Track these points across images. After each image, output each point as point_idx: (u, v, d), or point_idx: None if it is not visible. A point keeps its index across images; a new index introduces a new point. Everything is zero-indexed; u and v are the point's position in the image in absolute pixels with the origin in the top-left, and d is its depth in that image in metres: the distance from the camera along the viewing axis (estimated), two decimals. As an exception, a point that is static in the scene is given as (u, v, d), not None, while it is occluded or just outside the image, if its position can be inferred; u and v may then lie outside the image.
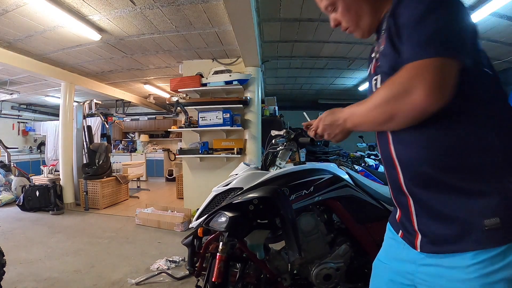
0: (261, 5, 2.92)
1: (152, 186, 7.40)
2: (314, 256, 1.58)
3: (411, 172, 0.74)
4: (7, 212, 4.66)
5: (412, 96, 0.61)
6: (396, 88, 0.64)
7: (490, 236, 0.64)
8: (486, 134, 0.67)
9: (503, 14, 3.09)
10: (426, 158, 0.70)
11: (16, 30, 3.31)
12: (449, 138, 0.68)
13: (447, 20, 0.62)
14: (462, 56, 0.62)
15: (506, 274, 0.63)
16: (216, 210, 1.36)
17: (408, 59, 0.63)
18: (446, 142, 0.68)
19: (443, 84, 0.60)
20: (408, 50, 0.64)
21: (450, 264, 0.69)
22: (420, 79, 0.60)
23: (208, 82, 4.19)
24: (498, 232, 0.63)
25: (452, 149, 0.68)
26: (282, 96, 7.52)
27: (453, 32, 0.62)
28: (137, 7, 2.83)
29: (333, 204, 1.60)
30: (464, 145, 0.67)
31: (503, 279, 0.63)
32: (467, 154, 0.67)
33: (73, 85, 5.13)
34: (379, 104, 0.67)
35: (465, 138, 0.67)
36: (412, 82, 0.61)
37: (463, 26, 0.63)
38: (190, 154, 4.26)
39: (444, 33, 0.61)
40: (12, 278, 2.32)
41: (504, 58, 4.50)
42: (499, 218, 0.63)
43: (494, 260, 0.64)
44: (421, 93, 0.60)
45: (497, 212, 0.63)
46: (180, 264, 2.62)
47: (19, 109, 7.95)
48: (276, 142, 1.70)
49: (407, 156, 0.74)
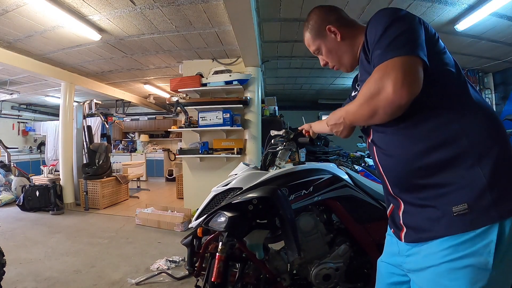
0: (261, 5, 2.92)
1: (152, 186, 7.40)
2: (313, 256, 1.58)
3: (394, 178, 0.85)
4: (7, 212, 4.66)
5: (384, 93, 0.70)
6: (372, 88, 0.73)
7: (458, 221, 0.69)
8: (451, 129, 0.74)
9: (503, 14, 3.09)
10: (401, 165, 0.80)
11: (16, 30, 3.31)
12: (417, 143, 0.77)
13: (403, 30, 0.73)
14: (421, 54, 0.70)
15: (473, 261, 0.67)
16: (216, 210, 1.36)
17: (377, 63, 0.73)
18: (415, 148, 0.77)
19: (408, 78, 0.68)
20: (375, 58, 0.75)
21: (426, 252, 0.76)
22: (388, 77, 0.69)
23: (208, 82, 4.19)
24: (466, 217, 0.69)
25: (421, 152, 0.76)
26: (282, 96, 7.52)
27: (410, 37, 0.72)
28: (137, 7, 2.83)
29: (333, 204, 1.60)
30: (431, 144, 0.75)
31: (469, 265, 0.68)
32: (435, 152, 0.74)
33: (73, 85, 5.13)
34: (362, 102, 0.77)
35: (431, 137, 0.75)
36: (382, 81, 0.70)
37: (418, 33, 0.74)
38: (190, 154, 4.26)
39: (403, 38, 0.72)
40: (12, 278, 2.32)
41: (504, 58, 4.49)
42: (466, 204, 0.69)
43: (461, 247, 0.69)
44: (390, 89, 0.68)
45: (465, 199, 0.69)
46: (180, 264, 2.62)
47: (19, 109, 7.95)
48: (275, 142, 1.70)
49: (388, 165, 0.86)
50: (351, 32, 0.96)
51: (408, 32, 0.73)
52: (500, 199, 0.68)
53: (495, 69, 5.19)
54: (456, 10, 3.01)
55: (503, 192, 0.68)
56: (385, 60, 0.71)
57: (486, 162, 0.70)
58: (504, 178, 0.70)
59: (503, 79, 5.32)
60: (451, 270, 0.70)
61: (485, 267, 0.67)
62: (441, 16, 3.11)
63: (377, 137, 0.88)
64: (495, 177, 0.69)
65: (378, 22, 0.78)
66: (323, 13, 0.99)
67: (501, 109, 5.38)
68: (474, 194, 0.68)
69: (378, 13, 0.81)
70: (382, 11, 0.80)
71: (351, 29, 0.96)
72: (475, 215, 0.68)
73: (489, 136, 0.73)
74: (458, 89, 0.78)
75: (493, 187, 0.68)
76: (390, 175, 0.86)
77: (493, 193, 0.68)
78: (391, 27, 0.74)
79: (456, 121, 0.74)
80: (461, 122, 0.73)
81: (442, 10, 2.99)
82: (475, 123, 0.74)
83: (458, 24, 3.23)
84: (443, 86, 0.76)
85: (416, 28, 0.74)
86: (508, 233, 0.67)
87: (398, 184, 0.84)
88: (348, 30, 0.96)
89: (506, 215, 0.67)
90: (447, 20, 3.21)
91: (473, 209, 0.68)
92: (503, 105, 5.36)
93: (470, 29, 3.36)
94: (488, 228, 0.67)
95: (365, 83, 0.76)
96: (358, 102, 0.79)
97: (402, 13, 0.77)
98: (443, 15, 3.10)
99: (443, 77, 0.77)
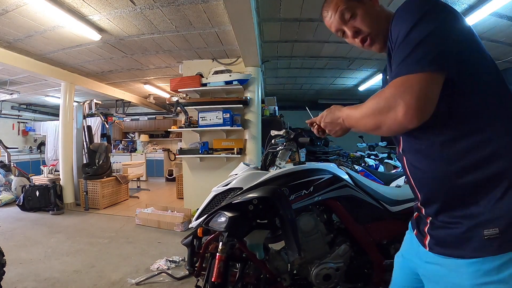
0: (261, 5, 2.92)
1: (152, 186, 7.40)
2: (313, 256, 1.58)
3: (426, 193, 0.81)
4: (7, 212, 4.66)
5: (393, 113, 0.66)
6: (382, 104, 0.69)
7: (488, 245, 0.67)
8: (490, 148, 0.68)
9: (503, 14, 3.09)
10: (435, 183, 0.76)
11: (16, 30, 3.31)
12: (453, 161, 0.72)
13: (428, 33, 0.65)
14: (439, 68, 0.65)
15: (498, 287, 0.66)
16: (216, 210, 1.36)
17: (393, 76, 0.68)
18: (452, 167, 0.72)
19: (421, 102, 0.64)
20: (394, 66, 0.70)
21: (449, 267, 0.73)
22: (400, 98, 0.65)
23: (208, 82, 4.19)
24: (496, 241, 0.66)
25: (457, 172, 0.71)
26: (282, 96, 7.52)
27: (432, 44, 0.65)
28: (137, 7, 2.83)
29: (333, 204, 1.60)
30: (468, 164, 0.70)
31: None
32: (472, 172, 0.69)
33: (73, 85, 5.13)
34: (368, 114, 0.74)
35: (468, 156, 0.70)
36: (395, 100, 0.66)
37: (444, 35, 0.66)
38: (190, 154, 4.26)
39: (423, 47, 0.64)
40: (12, 278, 2.32)
41: (504, 58, 4.49)
42: (498, 228, 0.66)
43: (489, 273, 0.67)
44: (401, 112, 0.65)
45: (497, 223, 0.66)
46: (180, 264, 2.62)
47: (19, 109, 7.95)
48: (275, 142, 1.70)
49: (420, 180, 0.82)
50: (384, 11, 0.87)
51: (432, 37, 0.65)
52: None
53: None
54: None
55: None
56: (400, 74, 0.66)
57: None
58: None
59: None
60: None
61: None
62: (441, 16, 3.11)
63: (408, 148, 0.82)
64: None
65: (404, 18, 0.70)
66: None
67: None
68: (507, 220, 0.66)
69: (404, 5, 0.72)
70: (404, 8, 0.72)
71: (382, 7, 0.88)
72: (505, 239, 0.66)
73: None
74: (498, 99, 0.71)
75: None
76: (422, 190, 0.82)
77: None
78: (415, 28, 0.66)
79: (495, 140, 0.68)
80: (501, 140, 0.68)
81: (442, 10, 2.99)
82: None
83: (458, 24, 3.22)
84: (482, 96, 0.70)
85: (440, 28, 0.66)
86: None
87: (430, 200, 0.80)
88: (382, 8, 0.87)
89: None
90: (447, 20, 3.21)
91: (504, 234, 0.66)
92: (503, 105, 5.35)
93: (470, 29, 3.36)
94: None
95: (376, 96, 0.73)
96: (363, 112, 0.76)
97: (431, 4, 0.68)
98: (443, 15, 3.10)
99: (481, 85, 0.70)
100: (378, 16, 0.85)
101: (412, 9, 0.70)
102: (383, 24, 0.83)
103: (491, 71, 0.73)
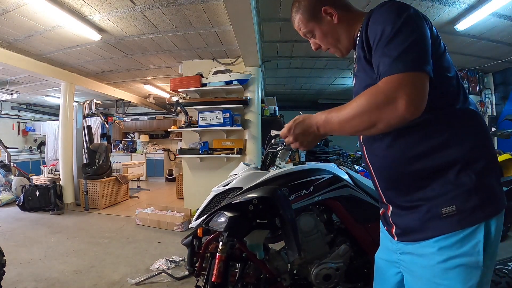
0: (261, 5, 2.92)
1: (152, 186, 7.40)
2: (313, 256, 1.58)
3: (382, 177, 0.88)
4: (7, 212, 4.66)
5: (394, 105, 0.67)
6: (379, 98, 0.69)
7: (447, 222, 0.74)
8: (444, 136, 0.76)
9: (503, 14, 3.09)
10: (392, 167, 0.83)
11: (16, 30, 3.31)
12: (409, 148, 0.78)
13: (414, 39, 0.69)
14: (429, 70, 0.69)
15: (464, 260, 0.72)
16: (216, 210, 1.36)
17: (384, 73, 0.69)
18: (408, 152, 0.79)
19: (420, 95, 0.67)
20: (382, 65, 0.71)
21: (420, 252, 0.79)
22: (401, 90, 0.66)
23: (208, 82, 4.19)
24: (454, 217, 0.73)
25: (413, 157, 0.78)
26: (282, 96, 7.52)
27: (421, 49, 0.70)
28: (137, 7, 2.83)
29: (333, 204, 1.60)
30: (423, 150, 0.77)
31: (461, 265, 0.73)
32: (427, 158, 0.77)
33: (73, 85, 5.13)
34: (361, 112, 0.71)
35: (424, 143, 0.77)
36: (395, 93, 0.67)
37: (428, 42, 0.72)
38: (190, 154, 4.26)
39: (414, 50, 0.68)
40: (12, 278, 2.32)
41: (504, 58, 4.49)
42: (454, 206, 0.73)
43: (453, 248, 0.73)
44: (403, 103, 0.66)
45: (453, 201, 0.74)
46: (180, 264, 2.62)
47: (19, 109, 7.95)
48: (275, 142, 1.70)
49: (377, 165, 0.88)
50: (348, 15, 0.91)
51: (419, 43, 0.70)
52: (485, 201, 0.73)
53: (495, 69, 5.19)
54: (456, 10, 3.01)
55: (487, 195, 0.74)
56: (396, 71, 0.67)
57: (473, 168, 0.74)
58: (489, 183, 0.75)
59: (503, 79, 5.32)
60: (445, 270, 0.74)
61: (476, 265, 0.72)
62: (441, 16, 3.12)
63: (368, 137, 0.89)
64: (480, 182, 0.73)
65: (384, 21, 0.72)
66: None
67: (501, 109, 5.38)
68: (462, 197, 0.73)
69: (384, 7, 0.75)
70: (388, 6, 0.75)
71: (347, 11, 0.91)
72: (463, 216, 0.72)
73: (477, 146, 0.76)
74: (453, 96, 0.78)
75: (478, 191, 0.73)
76: (381, 177, 0.88)
77: (478, 196, 0.73)
78: (400, 33, 0.69)
79: (449, 129, 0.76)
80: (454, 130, 0.76)
81: (442, 10, 2.99)
82: (466, 132, 0.76)
83: (458, 24, 3.23)
84: (441, 92, 0.75)
85: (425, 34, 0.71)
86: (494, 232, 0.74)
87: (388, 186, 0.86)
88: (345, 13, 0.91)
89: (490, 216, 0.73)
90: (447, 20, 3.21)
91: (460, 210, 0.73)
92: (503, 105, 5.36)
93: (470, 29, 3.37)
94: (475, 228, 0.72)
95: (367, 92, 0.71)
96: (352, 112, 0.72)
97: (411, 12, 0.72)
98: (443, 15, 3.10)
99: (441, 83, 0.76)
100: (335, 32, 0.92)
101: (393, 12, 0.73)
102: (345, 33, 0.92)
103: (451, 67, 0.79)
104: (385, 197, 0.90)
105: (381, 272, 0.99)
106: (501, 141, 5.04)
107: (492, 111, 5.51)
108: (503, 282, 1.52)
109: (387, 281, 0.96)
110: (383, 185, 0.89)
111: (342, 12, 0.90)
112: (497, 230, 0.74)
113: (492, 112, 5.50)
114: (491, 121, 5.36)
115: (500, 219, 0.75)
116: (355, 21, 0.90)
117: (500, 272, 1.58)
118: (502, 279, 1.53)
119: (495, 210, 0.74)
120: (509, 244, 2.74)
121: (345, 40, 0.93)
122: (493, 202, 0.74)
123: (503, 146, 4.70)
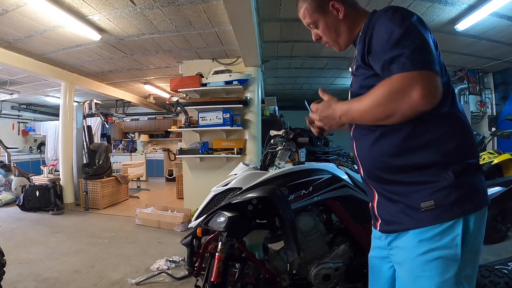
0: (261, 5, 2.92)
1: (152, 186, 7.40)
2: (313, 256, 1.58)
3: (368, 170, 0.92)
4: (7, 212, 4.66)
5: (411, 95, 0.70)
6: (397, 88, 0.72)
7: (425, 216, 0.78)
8: (429, 136, 0.79)
9: (503, 14, 3.09)
10: (377, 160, 0.87)
11: (16, 30, 3.31)
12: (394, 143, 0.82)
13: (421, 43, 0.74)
14: (438, 69, 0.73)
15: (442, 253, 0.76)
16: (215, 210, 1.36)
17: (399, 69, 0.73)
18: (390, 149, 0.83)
19: (435, 90, 0.71)
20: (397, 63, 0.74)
21: (403, 245, 0.84)
22: (418, 82, 0.70)
23: (208, 82, 4.19)
24: (432, 212, 0.77)
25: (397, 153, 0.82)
26: (282, 96, 7.52)
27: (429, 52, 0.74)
28: (137, 7, 2.83)
29: (332, 204, 1.60)
30: (408, 147, 0.81)
31: (440, 257, 0.77)
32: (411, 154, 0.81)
33: (73, 85, 5.13)
34: (380, 103, 0.75)
35: (409, 140, 0.80)
36: (410, 87, 0.70)
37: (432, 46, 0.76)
38: (190, 154, 4.26)
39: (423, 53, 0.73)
40: (12, 278, 2.32)
41: (504, 58, 4.49)
42: (433, 201, 0.77)
43: (431, 241, 0.77)
44: (419, 93, 0.69)
45: (432, 197, 0.77)
46: (180, 264, 2.62)
47: (19, 109, 7.95)
48: (275, 142, 1.70)
49: (364, 158, 0.93)
50: (354, 12, 0.93)
51: (427, 45, 0.74)
52: (463, 199, 0.77)
53: (495, 69, 5.19)
54: (456, 10, 3.01)
55: (466, 193, 0.78)
56: (412, 69, 0.71)
57: (454, 168, 0.78)
58: (468, 182, 0.79)
59: (503, 79, 5.32)
60: (425, 262, 0.78)
61: (454, 258, 0.76)
62: (441, 16, 3.11)
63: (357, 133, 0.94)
64: (459, 180, 0.77)
65: (390, 25, 0.76)
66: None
67: (501, 109, 5.38)
68: (440, 193, 0.77)
69: (390, 12, 0.79)
70: (392, 13, 0.79)
71: (353, 8, 0.94)
72: (441, 210, 0.76)
73: (460, 147, 0.80)
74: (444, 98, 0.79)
75: (457, 189, 0.77)
76: (366, 165, 0.93)
77: (457, 193, 0.76)
78: (411, 35, 0.74)
79: (431, 130, 0.79)
80: (440, 130, 0.79)
81: (442, 10, 2.99)
82: (450, 133, 0.80)
83: (458, 24, 3.23)
84: None
85: (429, 40, 0.76)
86: (473, 228, 0.77)
87: (371, 175, 0.91)
88: (351, 10, 0.93)
89: (469, 212, 0.77)
90: (447, 20, 3.21)
91: (438, 205, 0.76)
92: (503, 105, 5.35)
93: (470, 29, 3.36)
94: (453, 223, 0.76)
95: (384, 84, 0.74)
96: (371, 102, 0.77)
97: (416, 19, 0.77)
98: (443, 15, 3.10)
99: None
100: (339, 26, 0.94)
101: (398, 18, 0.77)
102: (347, 29, 0.94)
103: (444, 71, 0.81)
104: (369, 185, 0.95)
105: (376, 269, 1.02)
106: (501, 141, 5.03)
107: (492, 111, 5.50)
108: (502, 282, 1.51)
109: (382, 277, 0.98)
110: (366, 175, 0.94)
111: (348, 9, 0.93)
112: (476, 226, 0.78)
113: (492, 112, 5.50)
114: (491, 121, 5.35)
115: (481, 216, 0.80)
116: (358, 19, 0.93)
117: (499, 272, 1.58)
118: (501, 279, 1.53)
119: (474, 207, 0.78)
120: (509, 244, 2.73)
121: (346, 36, 0.96)
122: (473, 199, 0.78)
123: (503, 146, 4.70)
